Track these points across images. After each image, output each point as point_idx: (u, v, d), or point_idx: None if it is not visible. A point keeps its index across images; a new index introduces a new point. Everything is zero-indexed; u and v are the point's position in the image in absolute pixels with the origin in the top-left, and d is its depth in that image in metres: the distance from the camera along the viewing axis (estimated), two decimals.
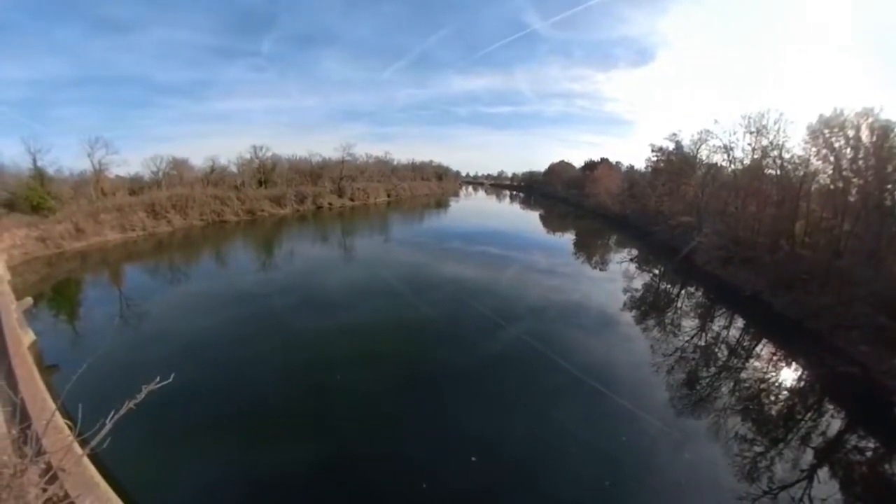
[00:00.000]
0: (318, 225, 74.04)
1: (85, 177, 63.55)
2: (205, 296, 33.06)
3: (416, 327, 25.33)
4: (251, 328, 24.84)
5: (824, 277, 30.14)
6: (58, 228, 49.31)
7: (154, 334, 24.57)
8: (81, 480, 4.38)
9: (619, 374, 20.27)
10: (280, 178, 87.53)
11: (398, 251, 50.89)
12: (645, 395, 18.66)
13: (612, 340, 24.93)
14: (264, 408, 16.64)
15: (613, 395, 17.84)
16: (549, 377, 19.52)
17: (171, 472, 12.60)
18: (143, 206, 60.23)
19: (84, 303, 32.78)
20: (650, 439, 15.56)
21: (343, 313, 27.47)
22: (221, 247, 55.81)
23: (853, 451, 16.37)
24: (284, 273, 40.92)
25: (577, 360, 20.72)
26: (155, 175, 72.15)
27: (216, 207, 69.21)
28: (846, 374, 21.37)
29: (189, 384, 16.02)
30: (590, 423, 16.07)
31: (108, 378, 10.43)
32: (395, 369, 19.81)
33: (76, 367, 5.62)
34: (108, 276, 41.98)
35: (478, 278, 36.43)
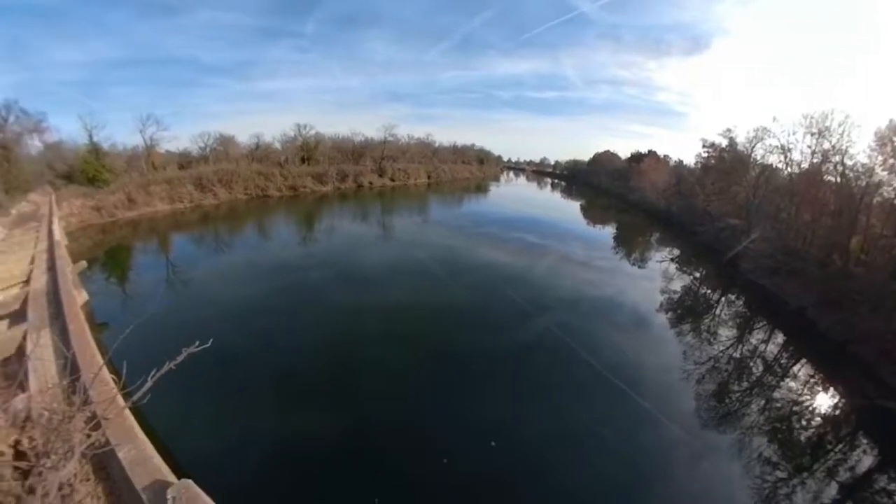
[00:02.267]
0: (359, 203, 74.92)
1: (137, 151, 67.35)
2: (245, 266, 34.36)
3: (447, 309, 25.40)
4: (288, 298, 25.77)
5: (877, 300, 27.85)
6: (111, 199, 52.66)
7: (196, 300, 26.06)
8: (122, 430, 4.64)
9: (645, 375, 19.68)
10: (322, 156, 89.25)
11: (435, 233, 50.84)
12: (670, 400, 18.12)
13: (642, 341, 24.18)
14: (294, 375, 17.37)
15: (637, 396, 17.39)
16: (574, 371, 19.30)
17: (203, 429, 13.45)
18: (190, 180, 63.40)
19: (134, 267, 34.62)
20: (670, 446, 15.19)
21: (378, 290, 27.98)
22: (264, 220, 57.52)
23: (881, 494, 15.21)
24: (323, 248, 41.81)
25: (604, 357, 20.36)
26: (203, 150, 75.58)
27: (260, 182, 71.49)
28: (887, 410, 19.77)
29: (226, 348, 17.19)
30: (610, 421, 15.87)
31: (152, 338, 10.96)
32: (424, 348, 20.10)
33: (124, 326, 5.98)
34: (156, 243, 44.10)
35: (512, 265, 36.08)
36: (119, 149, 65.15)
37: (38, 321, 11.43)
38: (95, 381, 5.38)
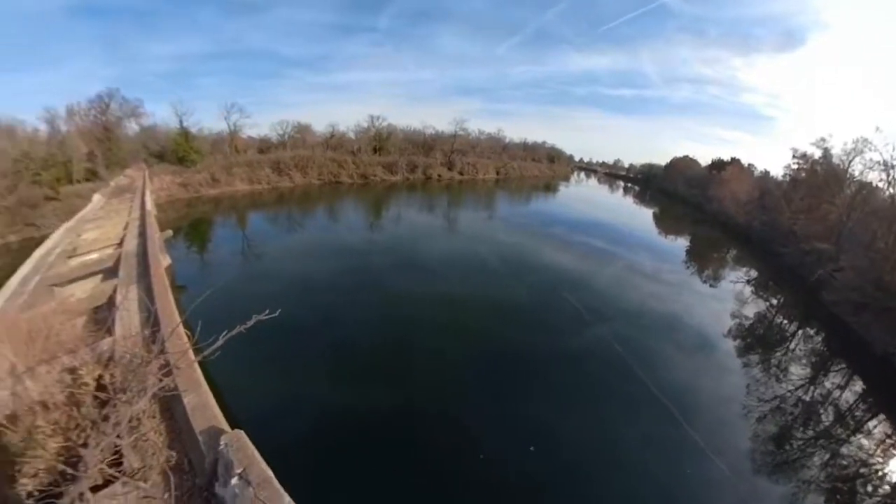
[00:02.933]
0: (426, 195, 75.68)
1: (222, 136, 73.78)
2: (314, 246, 35.99)
3: (504, 306, 25.00)
4: (351, 280, 26.60)
5: None
6: (197, 177, 58.49)
7: (267, 273, 27.59)
8: (189, 379, 5.00)
9: (700, 403, 18.15)
10: (394, 146, 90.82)
11: (500, 229, 49.91)
12: (722, 435, 16.49)
13: (703, 366, 22.32)
14: (348, 351, 17.95)
15: (687, 424, 15.99)
16: (625, 387, 18.26)
17: (259, 389, 14.34)
18: (269, 164, 67.87)
19: (213, 239, 37.51)
20: (713, 485, 13.90)
21: (437, 280, 28.23)
22: (334, 205, 59.62)
23: None
24: (388, 235, 42.70)
25: (659, 377, 19.03)
26: (281, 137, 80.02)
27: (333, 169, 74.33)
28: None
29: (289, 319, 17.53)
30: (654, 445, 14.82)
31: (224, 304, 11.66)
32: (476, 342, 20.01)
33: (201, 290, 6.45)
34: (234, 219, 47.62)
35: (575, 269, 34.68)
36: (205, 133, 71.37)
37: (127, 278, 12.43)
38: (172, 335, 5.83)
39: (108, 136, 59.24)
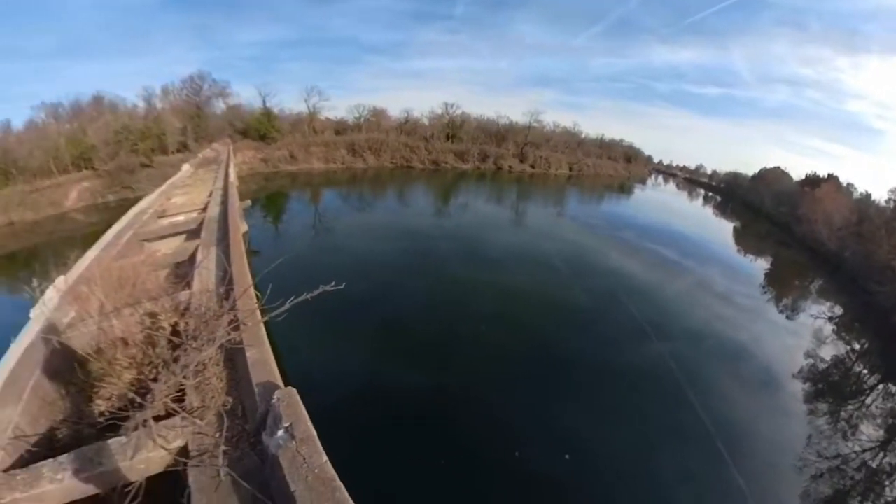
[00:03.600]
0: (496, 185, 74.86)
1: (301, 116, 77.76)
2: (382, 226, 36.79)
3: (561, 307, 24.25)
4: (413, 261, 27.10)
5: None
6: (277, 153, 63.61)
7: (335, 247, 28.65)
8: (254, 336, 5.26)
9: (751, 446, 16.20)
10: (466, 135, 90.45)
11: (567, 227, 48.47)
12: (769, 486, 14.79)
13: (762, 405, 20.02)
14: (402, 329, 18.31)
15: (734, 465, 14.16)
16: (674, 411, 16.93)
17: (314, 353, 15.18)
18: (344, 145, 71.04)
19: (287, 211, 39.86)
20: None
21: (497, 271, 27.94)
22: (404, 188, 60.49)
23: None
24: (455, 222, 42.81)
25: (713, 408, 17.40)
26: (357, 120, 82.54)
27: (405, 154, 75.63)
28: None
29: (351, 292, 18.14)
30: (693, 481, 13.67)
31: (293, 271, 12.08)
32: (528, 339, 19.61)
33: (273, 257, 6.74)
34: (308, 195, 49.65)
35: (641, 278, 32.51)
36: (286, 113, 76.50)
37: (208, 240, 13.19)
38: (243, 294, 6.17)
39: (198, 113, 66.96)
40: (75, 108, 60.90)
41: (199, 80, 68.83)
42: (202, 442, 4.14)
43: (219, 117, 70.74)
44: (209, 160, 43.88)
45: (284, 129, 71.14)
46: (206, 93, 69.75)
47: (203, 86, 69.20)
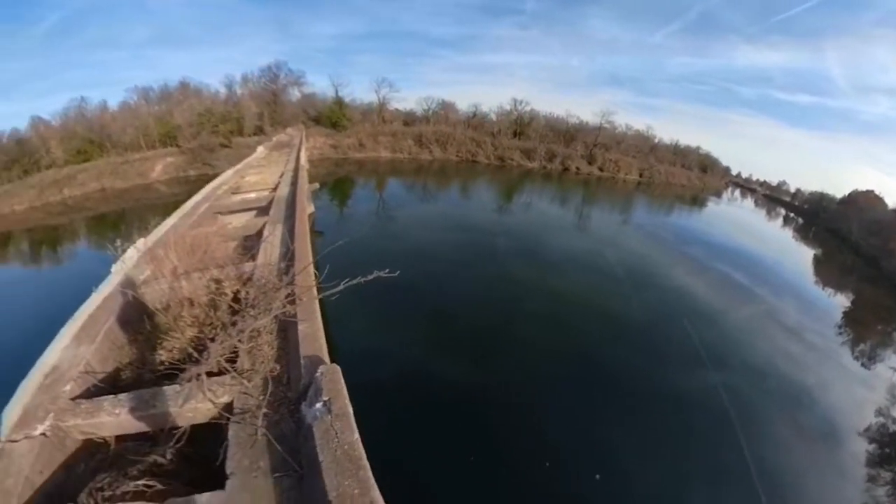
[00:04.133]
0: (561, 186, 72.73)
1: (371, 107, 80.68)
2: (443, 217, 37.00)
3: (617, 319, 23.04)
4: (470, 255, 27.01)
5: None
6: (346, 141, 66.51)
7: (394, 234, 29.29)
8: (308, 311, 5.50)
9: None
10: (534, 132, 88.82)
11: (632, 237, 46.08)
12: None
13: (818, 460, 17.59)
14: (449, 321, 18.29)
15: None
16: (718, 450, 15.46)
17: (363, 336, 15.48)
18: (412, 136, 72.49)
19: (353, 197, 41.20)
20: None
21: (555, 274, 27.22)
22: (468, 183, 60.48)
23: None
24: (516, 220, 42.21)
25: (761, 455, 15.66)
26: (425, 112, 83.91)
27: (471, 148, 75.53)
28: None
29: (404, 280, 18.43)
30: None
31: (352, 254, 12.36)
32: (573, 345, 18.99)
33: (334, 239, 6.96)
34: (374, 182, 50.98)
35: (704, 300, 30.13)
36: (357, 103, 79.90)
37: (276, 217, 13.74)
38: (302, 271, 6.40)
39: (274, 100, 72.46)
40: (164, 92, 68.98)
41: (277, 69, 74.14)
42: (246, 401, 4.40)
43: (293, 104, 75.59)
44: (282, 144, 45.89)
45: (355, 119, 74.39)
46: (282, 81, 74.72)
47: (280, 75, 74.34)
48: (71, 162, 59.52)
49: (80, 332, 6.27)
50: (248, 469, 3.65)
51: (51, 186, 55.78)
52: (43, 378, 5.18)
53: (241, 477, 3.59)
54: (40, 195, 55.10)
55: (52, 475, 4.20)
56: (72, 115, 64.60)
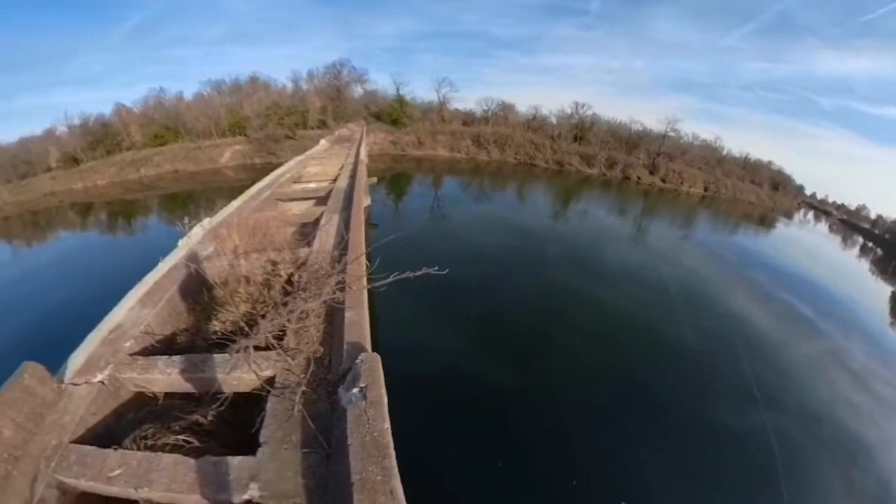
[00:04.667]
0: (620, 195, 70.13)
1: (431, 105, 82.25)
2: (496, 219, 36.68)
3: (666, 340, 21.44)
4: (520, 259, 26.63)
5: None
6: (405, 138, 68.33)
7: (447, 233, 29.43)
8: (355, 299, 5.67)
9: None
10: (595, 138, 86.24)
11: (691, 254, 43.06)
12: None
13: None
14: (494, 325, 18.00)
15: None
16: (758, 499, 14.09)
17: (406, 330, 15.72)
18: (470, 136, 72.75)
19: (408, 193, 41.68)
20: None
21: (606, 287, 26.25)
22: (525, 186, 59.60)
23: None
24: (570, 228, 41.14)
25: None
26: (485, 113, 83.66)
27: (530, 151, 74.49)
28: None
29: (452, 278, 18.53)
30: None
31: (404, 248, 12.54)
32: (622, 365, 17.91)
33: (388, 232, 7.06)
34: (431, 180, 51.48)
35: (763, 330, 27.19)
36: (417, 101, 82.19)
37: (334, 207, 14.11)
38: (354, 261, 6.56)
39: (338, 96, 76.36)
40: (235, 86, 75.17)
41: (340, 66, 78.52)
42: (287, 378, 4.58)
43: (356, 101, 79.01)
44: (344, 138, 47.24)
45: (415, 116, 76.62)
46: (345, 78, 78.73)
47: (343, 72, 78.57)
48: (148, 145, 67.61)
49: (144, 296, 6.87)
50: (280, 440, 3.82)
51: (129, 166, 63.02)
52: (107, 333, 5.75)
53: (273, 447, 3.76)
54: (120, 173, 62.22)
55: (103, 418, 4.63)
56: (151, 103, 73.30)
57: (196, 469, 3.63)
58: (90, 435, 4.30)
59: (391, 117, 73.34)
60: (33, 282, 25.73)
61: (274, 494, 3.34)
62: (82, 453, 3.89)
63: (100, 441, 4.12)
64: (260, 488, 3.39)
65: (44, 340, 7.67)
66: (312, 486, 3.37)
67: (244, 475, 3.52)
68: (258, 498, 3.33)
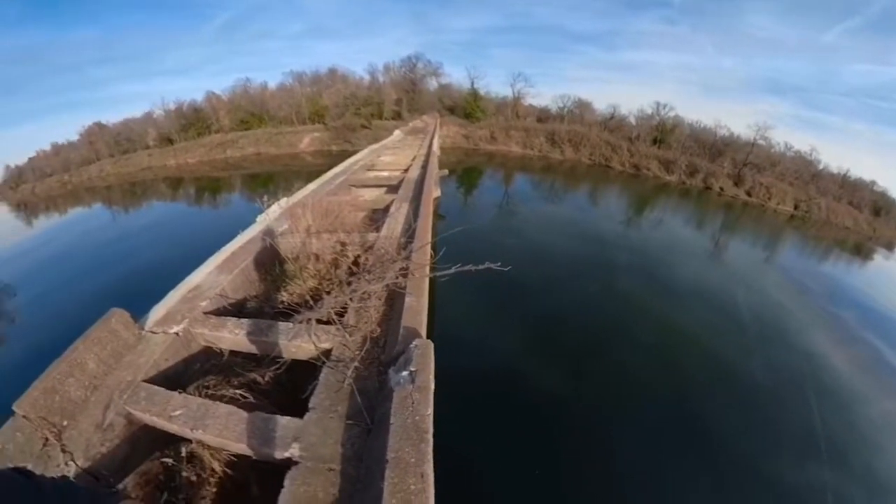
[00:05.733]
0: (699, 206, 64.64)
1: (505, 100, 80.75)
2: (564, 221, 35.66)
3: (732, 373, 19.06)
4: (586, 264, 25.87)
5: None
6: (478, 132, 68.32)
7: (513, 229, 29.10)
8: (417, 286, 5.84)
9: None
10: (676, 142, 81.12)
11: (772, 280, 37.15)
12: None
13: None
14: (551, 329, 17.47)
15: None
16: None
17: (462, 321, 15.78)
18: (544, 133, 70.54)
19: (478, 187, 41.69)
20: None
21: (674, 305, 24.16)
22: (597, 188, 57.60)
23: None
24: (641, 237, 38.42)
25: None
26: (560, 110, 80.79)
27: (605, 152, 71.48)
28: None
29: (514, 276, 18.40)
30: None
31: (469, 241, 12.47)
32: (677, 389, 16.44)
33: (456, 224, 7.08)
34: (501, 176, 51.16)
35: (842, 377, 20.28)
36: (492, 96, 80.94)
37: (404, 196, 14.37)
38: (419, 249, 6.76)
39: (412, 89, 78.82)
40: (315, 77, 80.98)
41: (415, 59, 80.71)
42: (343, 352, 4.81)
43: (430, 94, 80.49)
44: (418, 129, 47.97)
45: (488, 111, 75.69)
46: (420, 71, 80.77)
47: (418, 65, 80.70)
48: (234, 129, 75.73)
49: (222, 263, 7.51)
50: (327, 409, 4.01)
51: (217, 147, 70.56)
52: (186, 292, 6.43)
53: (320, 414, 3.96)
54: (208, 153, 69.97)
55: (173, 365, 5.17)
56: (238, 91, 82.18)
57: (247, 421, 3.94)
58: (160, 377, 4.83)
59: (465, 111, 73.26)
60: (127, 242, 29.78)
61: (312, 456, 3.52)
62: (151, 392, 4.38)
63: (167, 384, 4.61)
64: (301, 449, 3.59)
65: (132, 292, 8.54)
66: (349, 456, 3.52)
67: (289, 434, 3.75)
68: (297, 457, 3.52)
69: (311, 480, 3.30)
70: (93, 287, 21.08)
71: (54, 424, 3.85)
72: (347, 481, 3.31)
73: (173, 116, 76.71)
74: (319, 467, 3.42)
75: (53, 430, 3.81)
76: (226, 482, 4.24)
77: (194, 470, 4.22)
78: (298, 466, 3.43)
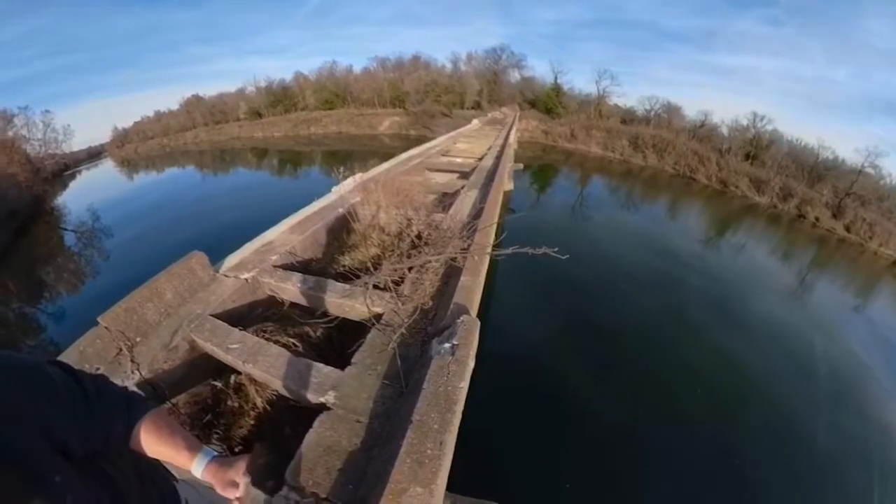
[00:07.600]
0: (789, 235, 54.86)
1: (589, 98, 77.56)
2: (637, 231, 33.79)
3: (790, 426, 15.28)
4: (653, 282, 23.68)
5: None
6: (558, 129, 66.61)
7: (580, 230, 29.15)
8: (474, 266, 6.02)
9: None
10: (771, 160, 72.78)
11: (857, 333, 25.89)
12: None
13: None
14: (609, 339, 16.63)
15: None
16: None
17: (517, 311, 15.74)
18: (627, 136, 66.71)
19: (553, 185, 41.36)
20: None
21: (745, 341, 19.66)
22: (679, 201, 54.02)
23: None
24: (719, 261, 33.98)
25: None
26: (646, 113, 75.93)
27: (691, 163, 66.41)
28: None
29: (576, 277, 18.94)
30: None
31: (533, 238, 12.34)
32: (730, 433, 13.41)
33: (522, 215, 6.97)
34: (578, 176, 49.99)
35: None
36: (575, 92, 78.81)
37: (475, 183, 14.43)
38: (481, 230, 6.89)
39: (494, 79, 79.03)
40: (398, 63, 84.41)
41: (499, 51, 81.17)
42: (393, 318, 5.01)
43: (511, 86, 79.95)
44: (496, 120, 47.85)
45: (570, 108, 73.91)
46: (503, 63, 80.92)
47: (501, 56, 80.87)
48: (319, 108, 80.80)
49: (295, 224, 8.15)
50: (367, 366, 4.23)
51: (301, 123, 75.70)
52: (260, 245, 7.12)
53: (360, 369, 4.18)
54: (293, 128, 75.21)
55: (238, 306, 5.77)
56: (324, 73, 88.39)
57: (292, 363, 4.31)
58: (225, 314, 5.36)
59: (546, 106, 72.04)
60: (214, 201, 33.46)
61: (344, 406, 3.73)
62: (215, 325, 4.92)
63: (230, 321, 5.10)
64: (335, 397, 3.81)
65: (213, 242, 9.38)
66: (378, 412, 3.68)
67: (327, 382, 4.01)
68: (331, 404, 3.75)
69: (338, 427, 3.51)
70: (177, 237, 23.25)
71: (129, 338, 4.43)
72: (371, 435, 3.46)
73: (263, 93, 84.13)
74: (349, 416, 3.63)
75: (127, 343, 4.38)
76: (263, 417, 4.65)
77: (239, 400, 4.70)
78: (329, 413, 3.66)
